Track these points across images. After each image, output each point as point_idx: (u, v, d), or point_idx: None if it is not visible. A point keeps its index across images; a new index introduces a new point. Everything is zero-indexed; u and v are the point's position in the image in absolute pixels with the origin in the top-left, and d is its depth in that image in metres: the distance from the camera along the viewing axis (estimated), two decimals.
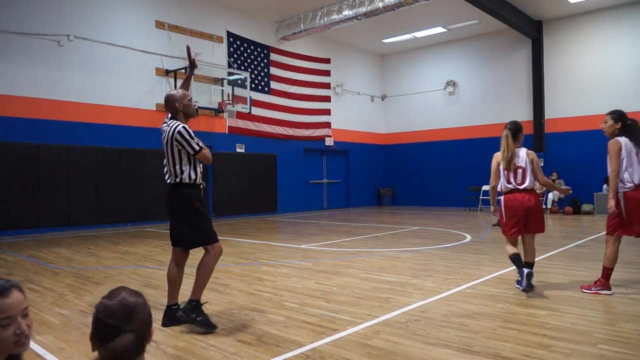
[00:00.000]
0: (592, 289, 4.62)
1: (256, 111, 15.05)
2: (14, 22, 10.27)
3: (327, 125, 17.68)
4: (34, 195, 10.45)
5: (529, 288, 4.43)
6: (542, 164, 15.72)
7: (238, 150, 14.60)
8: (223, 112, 13.72)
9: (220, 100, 13.58)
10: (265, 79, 15.62)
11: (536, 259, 6.35)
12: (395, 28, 16.52)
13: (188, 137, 3.71)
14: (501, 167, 4.86)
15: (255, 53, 15.31)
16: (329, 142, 17.61)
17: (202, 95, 13.09)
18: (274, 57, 15.86)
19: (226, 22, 14.46)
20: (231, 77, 13.99)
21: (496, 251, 7.19)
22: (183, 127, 3.73)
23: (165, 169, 3.84)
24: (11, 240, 9.35)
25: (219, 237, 3.93)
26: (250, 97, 14.39)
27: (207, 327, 3.60)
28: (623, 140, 4.54)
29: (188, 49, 4.25)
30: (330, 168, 18.25)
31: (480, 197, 16.16)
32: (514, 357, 2.97)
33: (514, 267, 5.75)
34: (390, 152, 20.12)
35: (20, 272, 6.11)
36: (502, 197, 4.97)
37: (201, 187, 4.01)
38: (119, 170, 11.85)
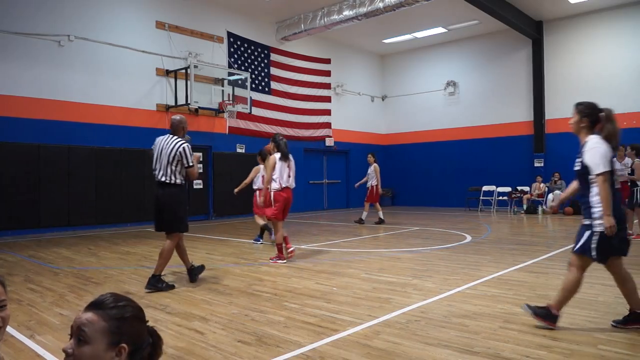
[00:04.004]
0: (273, 259, 6.54)
1: (256, 111, 15.05)
2: (14, 22, 10.27)
3: (328, 125, 17.68)
4: (34, 195, 10.45)
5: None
6: (542, 164, 15.74)
7: (238, 150, 14.60)
8: (223, 112, 13.71)
9: (221, 101, 13.58)
10: (266, 79, 15.63)
11: (536, 260, 6.41)
12: (395, 28, 16.52)
13: (190, 153, 5.12)
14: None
15: (256, 53, 15.31)
16: (329, 142, 17.60)
17: (203, 96, 13.09)
18: (274, 57, 15.86)
19: (226, 22, 14.46)
20: (231, 78, 13.99)
21: (497, 252, 7.19)
22: (188, 145, 5.12)
23: (161, 171, 5.11)
24: (11, 241, 9.35)
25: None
26: (251, 98, 14.39)
27: (170, 287, 5.06)
28: (277, 155, 6.55)
29: (198, 158, 5.41)
30: (330, 168, 18.25)
31: (481, 198, 16.16)
32: (514, 357, 2.97)
33: (514, 268, 5.83)
34: (390, 152, 20.11)
35: (20, 272, 6.11)
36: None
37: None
38: (119, 170, 11.85)
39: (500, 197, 15.84)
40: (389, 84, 20.14)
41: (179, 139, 5.10)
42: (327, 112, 17.68)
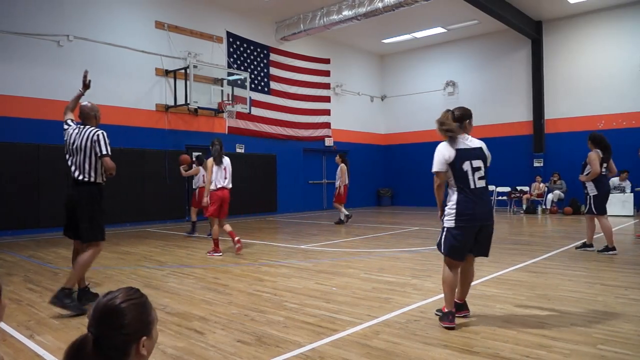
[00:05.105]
0: (210, 253, 7.23)
1: (256, 111, 15.05)
2: (13, 22, 10.26)
3: (327, 125, 17.68)
4: (34, 195, 10.44)
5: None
6: (541, 164, 15.75)
7: (238, 150, 14.60)
8: (223, 112, 13.71)
9: (220, 101, 13.58)
10: (265, 79, 15.63)
11: (536, 259, 6.42)
12: (394, 28, 16.53)
13: (106, 142, 4.59)
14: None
15: (255, 53, 15.31)
16: (328, 142, 17.60)
17: (202, 96, 13.08)
18: (273, 57, 15.86)
19: (226, 22, 14.46)
20: (231, 78, 13.98)
21: (496, 252, 7.18)
22: (104, 132, 4.55)
23: (78, 169, 4.53)
24: (11, 241, 9.35)
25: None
26: (250, 98, 14.39)
27: (78, 309, 4.05)
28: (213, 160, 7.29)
29: (85, 72, 4.98)
30: (330, 168, 18.21)
31: None
32: (513, 357, 2.97)
33: (513, 268, 5.84)
34: (389, 152, 20.12)
35: (19, 272, 6.11)
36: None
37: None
38: (119, 170, 11.64)
39: (500, 197, 15.84)
40: (388, 84, 20.14)
41: (93, 128, 4.52)
42: (327, 112, 17.68)
